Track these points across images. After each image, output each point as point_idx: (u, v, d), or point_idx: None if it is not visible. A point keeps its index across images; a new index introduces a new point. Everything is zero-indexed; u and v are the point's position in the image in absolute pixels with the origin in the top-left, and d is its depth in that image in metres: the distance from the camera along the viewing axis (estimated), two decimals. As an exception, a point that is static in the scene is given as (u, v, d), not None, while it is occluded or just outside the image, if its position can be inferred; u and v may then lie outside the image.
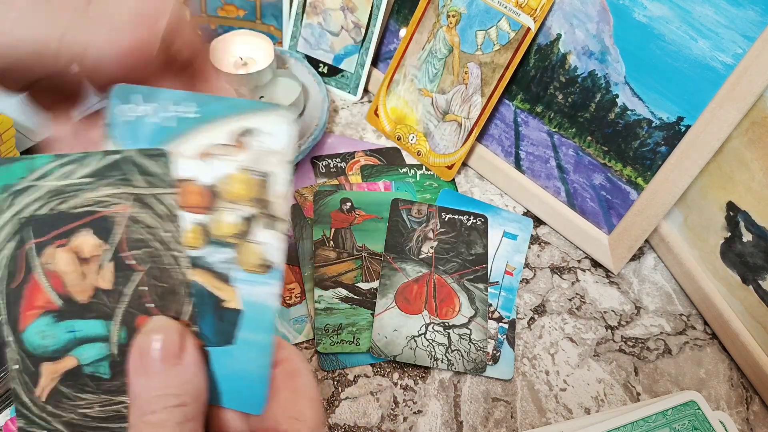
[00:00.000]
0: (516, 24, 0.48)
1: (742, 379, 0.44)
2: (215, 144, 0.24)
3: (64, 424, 0.23)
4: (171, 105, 0.24)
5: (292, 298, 0.44)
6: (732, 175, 0.43)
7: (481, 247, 0.48)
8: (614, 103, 0.45)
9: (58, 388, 0.23)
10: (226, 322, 0.24)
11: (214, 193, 0.24)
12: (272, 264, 0.24)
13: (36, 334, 0.23)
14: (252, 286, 0.25)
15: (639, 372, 0.44)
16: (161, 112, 0.24)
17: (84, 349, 0.24)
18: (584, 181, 0.49)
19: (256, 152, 0.24)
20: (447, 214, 0.49)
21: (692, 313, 0.48)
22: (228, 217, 0.24)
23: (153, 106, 0.24)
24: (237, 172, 0.24)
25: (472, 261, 0.47)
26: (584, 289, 0.48)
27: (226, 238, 0.24)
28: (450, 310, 0.44)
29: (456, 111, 0.52)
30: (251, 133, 0.24)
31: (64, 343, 0.23)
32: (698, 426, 0.38)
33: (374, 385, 0.41)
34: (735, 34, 0.39)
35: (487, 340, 0.43)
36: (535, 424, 0.40)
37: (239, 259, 0.24)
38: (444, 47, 0.52)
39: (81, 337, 0.23)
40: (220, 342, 0.25)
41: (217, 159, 0.24)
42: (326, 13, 0.58)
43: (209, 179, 0.24)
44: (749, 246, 0.42)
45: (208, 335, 0.24)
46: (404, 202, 0.50)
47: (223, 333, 0.24)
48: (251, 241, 0.24)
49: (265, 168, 0.24)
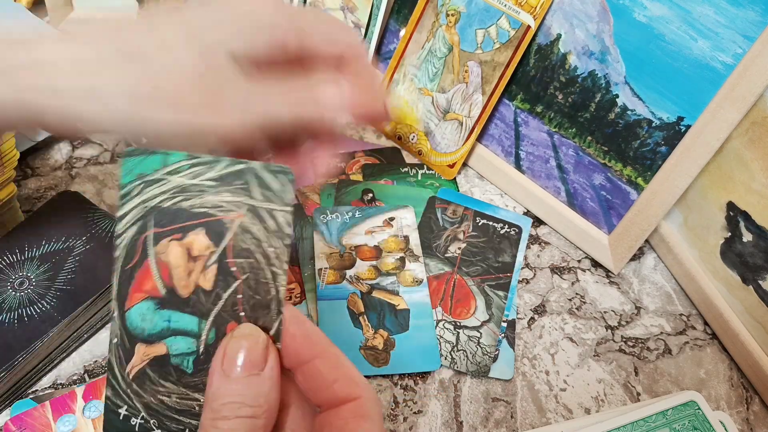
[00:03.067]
0: (516, 22, 0.48)
1: (742, 379, 0.44)
2: (375, 225, 0.48)
3: (142, 405, 0.25)
4: (347, 212, 0.48)
5: (292, 298, 0.44)
6: (732, 175, 0.43)
7: (510, 256, 0.48)
8: (614, 103, 0.45)
9: (146, 370, 0.25)
10: (401, 318, 0.44)
11: (379, 249, 0.47)
12: (420, 280, 0.46)
13: (138, 315, 0.24)
14: (411, 294, 0.45)
15: (639, 372, 0.44)
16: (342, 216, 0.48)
17: (175, 340, 0.25)
18: (584, 181, 0.49)
19: (397, 227, 0.48)
20: (482, 219, 0.50)
21: (692, 313, 0.48)
22: (389, 260, 0.46)
23: (336, 214, 0.48)
24: (389, 237, 0.48)
25: (498, 268, 0.47)
26: (584, 289, 0.48)
27: (390, 270, 0.46)
28: (464, 311, 0.44)
29: (457, 110, 0.52)
30: (394, 219, 0.49)
31: (159, 330, 0.24)
32: (698, 426, 0.38)
33: (374, 385, 0.41)
34: (735, 34, 0.39)
35: (496, 347, 0.43)
36: (535, 424, 0.40)
37: (400, 281, 0.45)
38: (444, 46, 0.52)
39: (175, 328, 0.25)
40: (400, 331, 0.43)
41: (377, 233, 0.48)
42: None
43: (374, 243, 0.47)
44: (749, 246, 0.42)
45: (392, 329, 0.43)
46: (441, 200, 0.51)
47: (401, 325, 0.43)
48: (405, 269, 0.46)
49: (404, 233, 0.48)
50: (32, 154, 0.51)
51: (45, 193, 0.48)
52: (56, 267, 0.40)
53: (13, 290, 0.38)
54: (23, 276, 0.39)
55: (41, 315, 0.37)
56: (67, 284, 0.39)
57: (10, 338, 0.36)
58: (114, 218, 0.38)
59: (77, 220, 0.42)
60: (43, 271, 0.39)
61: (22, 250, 0.40)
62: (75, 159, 0.51)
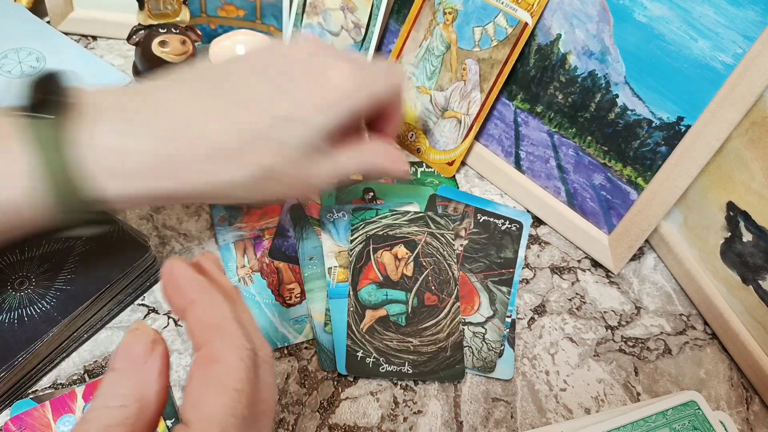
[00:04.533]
0: (513, 20, 0.48)
1: (742, 379, 0.44)
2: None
3: (373, 348, 0.41)
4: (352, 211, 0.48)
5: (292, 298, 0.44)
6: (732, 175, 0.43)
7: (512, 252, 0.48)
8: (614, 103, 0.45)
9: (373, 326, 0.42)
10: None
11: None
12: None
13: (365, 293, 0.43)
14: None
15: (639, 372, 0.44)
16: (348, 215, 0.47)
17: (391, 307, 0.43)
18: (584, 181, 0.49)
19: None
20: (483, 216, 0.50)
21: (692, 313, 0.48)
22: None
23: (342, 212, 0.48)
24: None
25: (500, 264, 0.47)
26: (584, 289, 0.48)
27: None
28: (468, 307, 0.44)
29: (455, 107, 0.52)
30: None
31: (380, 301, 0.43)
32: (698, 426, 0.38)
33: (374, 385, 0.41)
34: (735, 34, 0.39)
35: (501, 342, 0.43)
36: (535, 424, 0.40)
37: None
38: (441, 44, 0.52)
39: (391, 298, 0.43)
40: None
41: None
42: (326, 13, 0.58)
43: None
44: (749, 246, 0.42)
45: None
46: (441, 198, 0.51)
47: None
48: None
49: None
50: (32, 154, 0.51)
51: (45, 193, 0.48)
52: (56, 267, 0.40)
53: (13, 290, 0.38)
54: (23, 276, 0.39)
55: (41, 315, 0.37)
56: (67, 284, 0.39)
57: (10, 338, 0.36)
58: (113, 218, 0.43)
59: (77, 220, 0.42)
60: (43, 271, 0.39)
61: (22, 250, 0.40)
62: (75, 159, 0.51)
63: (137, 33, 0.50)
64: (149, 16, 0.52)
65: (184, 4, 0.54)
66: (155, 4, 0.52)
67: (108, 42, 0.62)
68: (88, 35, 0.62)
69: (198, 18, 0.60)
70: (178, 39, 0.50)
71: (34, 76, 0.29)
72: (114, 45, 0.62)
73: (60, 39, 0.58)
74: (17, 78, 0.54)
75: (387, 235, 0.45)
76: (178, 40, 0.50)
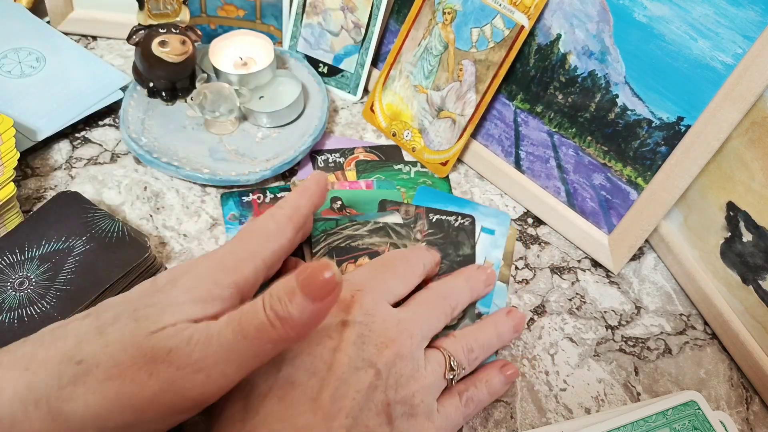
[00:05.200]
0: (510, 22, 0.48)
1: (742, 379, 0.44)
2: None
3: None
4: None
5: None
6: (732, 175, 0.43)
7: (469, 248, 0.47)
8: (614, 103, 0.45)
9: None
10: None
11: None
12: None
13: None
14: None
15: (639, 372, 0.44)
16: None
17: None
18: (584, 181, 0.49)
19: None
20: (435, 215, 0.48)
21: (692, 313, 0.48)
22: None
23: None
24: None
25: (460, 262, 0.46)
26: (584, 289, 0.48)
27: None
28: None
29: (450, 108, 0.52)
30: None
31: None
32: (698, 426, 0.38)
33: (374, 385, 0.41)
34: (735, 34, 0.39)
35: None
36: (535, 424, 0.40)
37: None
38: (439, 44, 0.52)
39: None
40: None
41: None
42: (326, 13, 0.58)
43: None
44: (749, 246, 0.42)
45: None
46: (391, 203, 0.49)
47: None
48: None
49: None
50: (32, 154, 0.51)
51: (45, 193, 0.48)
52: (56, 267, 0.40)
53: (13, 290, 0.38)
54: (23, 276, 0.39)
55: (41, 315, 0.37)
56: (67, 284, 0.39)
57: (10, 338, 0.36)
58: (114, 218, 0.43)
59: (77, 220, 0.42)
60: (43, 271, 0.39)
61: (22, 250, 0.40)
62: (75, 159, 0.51)
63: (137, 33, 0.50)
64: (149, 16, 0.52)
65: (184, 4, 0.54)
66: (155, 4, 0.52)
67: (108, 42, 0.62)
68: (88, 35, 0.62)
69: (198, 18, 0.60)
70: (178, 39, 0.50)
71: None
72: (114, 45, 0.62)
73: (60, 39, 0.58)
74: (17, 78, 0.54)
75: (350, 247, 0.44)
76: (178, 40, 0.50)
